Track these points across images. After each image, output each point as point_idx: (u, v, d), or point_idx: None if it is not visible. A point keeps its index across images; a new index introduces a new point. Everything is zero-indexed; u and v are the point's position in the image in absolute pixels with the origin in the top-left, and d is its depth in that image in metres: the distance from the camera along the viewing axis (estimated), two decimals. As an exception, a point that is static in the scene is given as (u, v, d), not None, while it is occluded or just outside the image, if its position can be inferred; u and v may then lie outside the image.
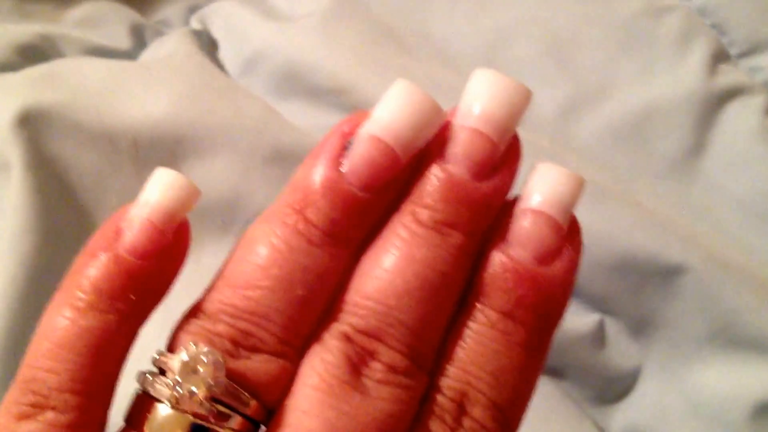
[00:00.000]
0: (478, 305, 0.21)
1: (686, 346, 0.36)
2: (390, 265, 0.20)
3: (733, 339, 0.36)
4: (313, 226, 0.20)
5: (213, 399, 0.19)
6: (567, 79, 0.43)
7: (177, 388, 0.19)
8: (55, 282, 0.36)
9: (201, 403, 0.19)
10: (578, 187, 0.21)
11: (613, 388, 0.37)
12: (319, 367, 0.20)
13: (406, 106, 0.20)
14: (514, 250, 0.21)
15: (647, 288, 0.37)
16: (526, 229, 0.21)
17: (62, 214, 0.36)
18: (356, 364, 0.20)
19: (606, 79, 0.43)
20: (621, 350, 0.37)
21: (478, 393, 0.20)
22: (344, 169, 0.21)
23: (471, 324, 0.21)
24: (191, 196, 0.22)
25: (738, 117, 0.41)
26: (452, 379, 0.20)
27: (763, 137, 0.40)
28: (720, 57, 0.43)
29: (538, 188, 0.21)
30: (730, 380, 0.35)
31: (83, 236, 0.38)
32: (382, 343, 0.20)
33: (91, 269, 0.21)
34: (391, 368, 0.20)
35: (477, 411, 0.20)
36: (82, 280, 0.21)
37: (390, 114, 0.20)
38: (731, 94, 0.41)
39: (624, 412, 0.37)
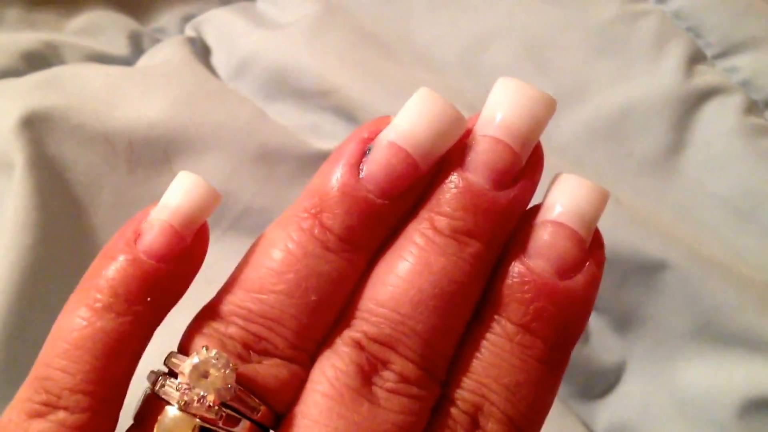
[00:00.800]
0: (495, 316, 0.20)
1: (670, 342, 0.36)
2: (405, 273, 0.20)
3: (716, 335, 0.35)
4: (329, 231, 0.20)
5: (222, 403, 0.19)
6: (545, 82, 0.43)
7: (186, 391, 0.19)
8: (53, 277, 0.38)
9: (210, 408, 0.19)
10: (602, 200, 0.20)
11: (597, 384, 0.37)
12: (330, 373, 0.19)
13: (426, 114, 0.20)
14: (533, 261, 0.20)
15: (630, 284, 0.36)
16: (547, 241, 0.20)
17: (60, 212, 0.37)
18: (367, 373, 0.19)
19: (584, 81, 0.42)
20: (605, 346, 0.37)
21: (493, 406, 0.20)
22: (362, 174, 0.20)
23: (487, 335, 0.20)
24: (212, 200, 0.21)
25: (716, 116, 0.40)
26: (466, 390, 0.20)
27: (740, 136, 0.39)
28: (696, 58, 0.42)
29: (560, 200, 0.20)
30: (715, 377, 0.35)
31: (79, 233, 0.40)
32: (395, 351, 0.19)
33: (109, 271, 0.20)
34: (403, 378, 0.19)
35: (490, 425, 0.19)
36: (99, 281, 0.20)
37: (410, 121, 0.20)
38: (708, 94, 0.41)
39: (608, 408, 0.36)
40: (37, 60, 0.45)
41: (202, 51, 0.46)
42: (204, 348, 0.20)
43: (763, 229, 0.38)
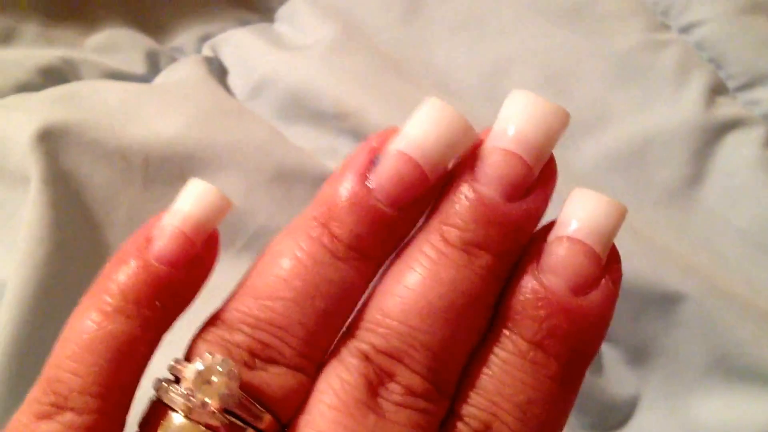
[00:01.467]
0: (507, 332, 0.20)
1: (685, 375, 0.35)
2: (414, 284, 0.20)
3: (732, 369, 0.35)
4: (337, 239, 0.20)
5: (226, 411, 0.19)
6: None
7: (190, 398, 0.19)
8: (66, 291, 0.39)
9: (213, 415, 0.19)
10: (619, 215, 0.20)
11: (611, 417, 0.36)
12: (336, 385, 0.19)
13: (436, 124, 0.20)
14: (547, 277, 0.20)
15: (646, 315, 0.36)
16: (562, 256, 0.20)
17: (74, 227, 0.37)
18: (374, 385, 0.19)
19: (604, 109, 0.43)
20: (619, 378, 0.36)
21: (503, 425, 0.19)
22: (371, 184, 0.20)
23: (499, 351, 0.20)
24: (223, 207, 0.22)
25: (736, 148, 0.40)
26: (476, 407, 0.20)
27: (761, 168, 0.39)
28: (718, 90, 0.42)
29: (576, 215, 0.20)
30: (729, 412, 0.34)
31: (93, 248, 0.41)
32: (402, 364, 0.19)
33: (120, 275, 0.21)
34: (410, 391, 0.19)
35: None
36: (110, 285, 0.21)
37: (419, 130, 0.20)
38: (729, 126, 0.41)
39: (622, 442, 0.36)
40: (54, 75, 0.46)
41: (219, 71, 0.47)
42: (208, 354, 0.20)
43: (782, 264, 0.37)
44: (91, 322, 0.20)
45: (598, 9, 0.47)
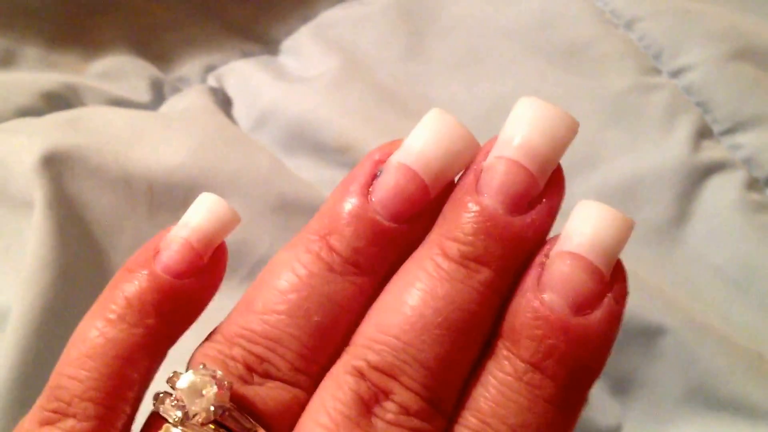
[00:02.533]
0: (505, 352, 0.19)
1: (664, 405, 0.37)
2: (411, 300, 0.19)
3: (707, 399, 0.36)
4: (336, 253, 0.20)
5: (217, 423, 0.19)
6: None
7: (181, 407, 0.20)
8: (70, 316, 0.38)
9: (203, 426, 0.19)
10: (625, 229, 0.19)
11: None
12: (329, 403, 0.19)
13: (437, 135, 0.20)
14: (547, 295, 0.19)
15: (629, 348, 0.37)
16: (562, 273, 0.19)
17: (78, 252, 0.37)
18: (367, 402, 0.19)
19: (595, 148, 0.45)
20: (602, 408, 0.37)
21: None
22: (372, 197, 0.20)
23: (495, 372, 0.19)
24: (231, 221, 0.22)
25: (718, 191, 0.42)
26: (471, 429, 0.19)
27: (741, 211, 0.41)
28: (703, 133, 0.44)
29: (579, 228, 0.19)
30: None
31: (97, 274, 0.41)
32: (397, 381, 0.19)
33: (126, 284, 0.21)
34: (404, 409, 0.19)
35: None
36: (117, 294, 0.21)
37: (421, 143, 0.20)
38: (713, 168, 0.43)
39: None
40: (56, 100, 0.46)
41: (223, 102, 0.48)
42: (201, 366, 0.20)
43: (758, 302, 0.40)
44: (95, 329, 0.21)
45: (592, 51, 0.48)
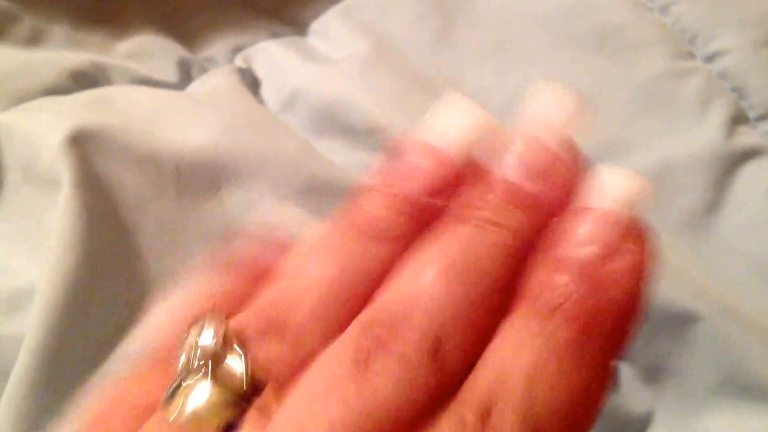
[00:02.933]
0: (520, 310, 0.20)
1: (697, 394, 0.37)
2: (428, 265, 0.20)
3: (741, 387, 0.36)
4: (358, 224, 0.21)
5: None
6: (589, 135, 0.47)
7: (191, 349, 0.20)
8: (96, 298, 0.38)
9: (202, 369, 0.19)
10: (643, 187, 0.20)
11: None
12: (327, 356, 0.19)
13: (457, 116, 0.22)
14: (565, 250, 0.20)
15: (661, 335, 0.37)
16: (579, 226, 0.20)
17: (106, 232, 0.37)
18: (367, 354, 0.19)
19: (627, 135, 0.44)
20: (634, 396, 0.38)
21: (509, 401, 0.18)
22: (397, 173, 0.22)
23: (509, 328, 0.19)
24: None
25: (754, 178, 0.42)
26: (479, 384, 0.19)
27: None
28: (738, 119, 0.44)
29: (597, 187, 0.20)
30: (739, 429, 0.36)
31: (124, 255, 0.41)
32: (401, 334, 0.19)
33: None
34: (405, 361, 0.18)
35: (506, 418, 0.18)
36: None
37: (440, 121, 0.22)
38: (748, 155, 0.42)
39: (635, 459, 0.37)
40: (84, 79, 0.46)
41: (251, 82, 0.47)
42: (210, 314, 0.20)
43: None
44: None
45: (625, 36, 0.48)
